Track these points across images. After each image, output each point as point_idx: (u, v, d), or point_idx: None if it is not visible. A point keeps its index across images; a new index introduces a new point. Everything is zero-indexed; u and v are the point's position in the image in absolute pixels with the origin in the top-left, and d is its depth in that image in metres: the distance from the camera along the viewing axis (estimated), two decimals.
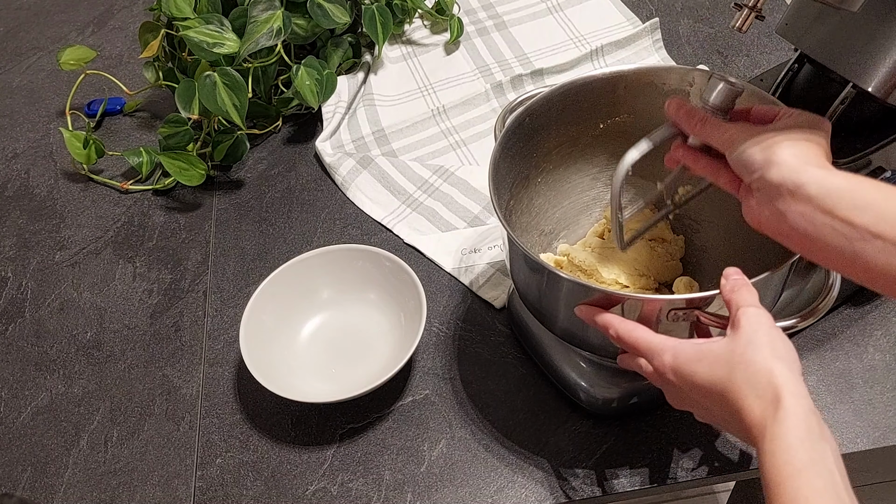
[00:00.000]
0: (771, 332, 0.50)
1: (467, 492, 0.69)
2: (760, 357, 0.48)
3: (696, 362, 0.51)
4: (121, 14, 1.27)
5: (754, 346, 0.49)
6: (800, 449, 0.44)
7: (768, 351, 0.48)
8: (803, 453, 0.44)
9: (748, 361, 0.48)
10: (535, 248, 0.78)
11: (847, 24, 0.61)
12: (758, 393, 0.47)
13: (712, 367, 0.50)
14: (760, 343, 0.49)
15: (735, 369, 0.48)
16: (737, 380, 0.48)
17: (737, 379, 0.48)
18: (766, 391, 0.47)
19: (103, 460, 0.74)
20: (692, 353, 0.51)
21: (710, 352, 0.50)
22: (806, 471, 0.43)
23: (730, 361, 0.49)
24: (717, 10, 1.14)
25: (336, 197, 0.94)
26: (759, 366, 0.48)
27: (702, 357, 0.51)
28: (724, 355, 0.49)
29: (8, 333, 0.85)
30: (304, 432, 0.74)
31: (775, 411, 0.46)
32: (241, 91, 0.90)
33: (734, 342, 0.50)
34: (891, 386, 0.72)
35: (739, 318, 0.51)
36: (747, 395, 0.47)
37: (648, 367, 0.55)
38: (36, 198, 0.99)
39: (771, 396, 0.46)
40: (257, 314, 0.76)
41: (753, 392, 0.47)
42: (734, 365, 0.49)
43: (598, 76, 0.72)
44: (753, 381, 0.47)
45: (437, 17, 1.14)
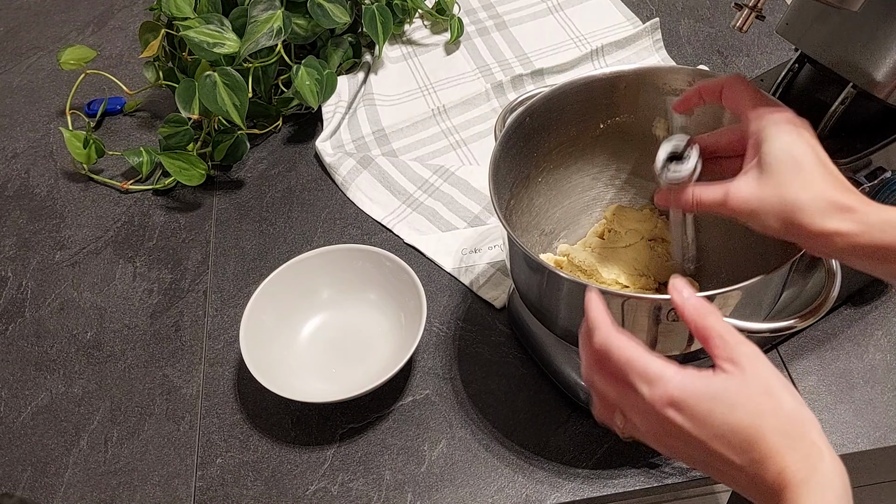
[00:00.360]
0: (778, 374, 0.46)
1: (468, 492, 0.69)
2: (787, 402, 0.44)
3: (711, 400, 0.44)
4: (121, 14, 1.27)
5: (776, 391, 0.44)
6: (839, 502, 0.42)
7: (789, 395, 0.45)
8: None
9: (778, 409, 0.44)
10: (535, 248, 0.78)
11: (847, 24, 0.61)
12: (793, 445, 0.43)
13: (733, 410, 0.44)
14: (779, 386, 0.45)
15: (764, 417, 0.43)
16: (769, 430, 0.43)
17: (769, 428, 0.43)
18: (803, 443, 0.43)
19: (103, 460, 0.74)
20: (703, 389, 0.45)
21: (724, 389, 0.44)
22: None
23: (754, 406, 0.44)
24: (718, 10, 1.14)
25: (336, 197, 0.94)
26: (790, 415, 0.44)
27: (716, 395, 0.44)
28: (744, 398, 0.44)
29: (8, 333, 0.85)
30: (304, 432, 0.74)
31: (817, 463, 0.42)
32: (241, 91, 0.90)
33: (749, 383, 0.44)
34: (891, 386, 0.72)
35: (740, 358, 0.45)
36: (781, 448, 0.43)
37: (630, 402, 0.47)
38: (36, 197, 0.99)
39: (808, 449, 0.43)
40: (257, 314, 0.76)
41: (789, 443, 0.43)
42: (763, 413, 0.44)
43: (599, 76, 0.72)
44: (788, 431, 0.43)
45: (438, 16, 1.14)
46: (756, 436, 0.43)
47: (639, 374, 0.46)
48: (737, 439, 0.44)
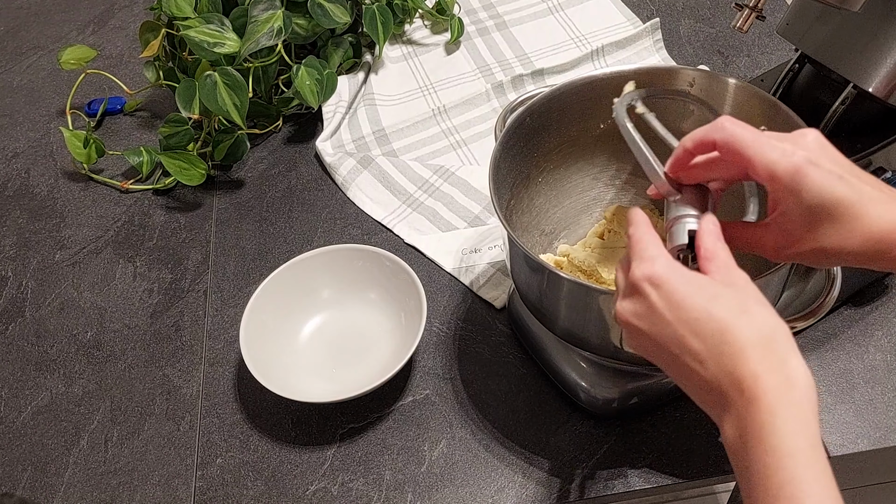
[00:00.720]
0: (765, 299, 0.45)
1: (468, 492, 0.69)
2: (770, 314, 0.43)
3: (693, 286, 0.44)
4: (121, 13, 1.27)
5: (762, 302, 0.44)
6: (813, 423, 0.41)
7: (770, 311, 0.44)
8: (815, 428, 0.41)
9: (758, 312, 0.43)
10: (535, 248, 0.78)
11: (848, 24, 0.61)
12: (769, 349, 0.42)
13: (714, 300, 0.43)
14: (765, 301, 0.44)
15: (744, 315, 0.43)
16: (745, 326, 0.42)
17: (745, 325, 0.42)
18: (778, 350, 0.42)
19: (103, 460, 0.74)
20: (689, 277, 0.45)
21: (712, 283, 0.44)
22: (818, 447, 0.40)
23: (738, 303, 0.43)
24: (718, 10, 1.14)
25: (336, 197, 0.94)
26: (772, 324, 0.43)
27: (701, 285, 0.44)
28: (730, 295, 0.44)
29: (8, 333, 0.85)
30: (304, 432, 0.74)
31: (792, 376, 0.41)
32: (241, 91, 0.90)
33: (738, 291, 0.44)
34: (892, 386, 0.72)
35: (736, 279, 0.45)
36: (756, 345, 0.42)
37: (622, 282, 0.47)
38: (36, 197, 0.99)
39: (783, 358, 0.42)
40: (257, 314, 0.76)
41: (764, 345, 0.42)
42: (744, 311, 0.43)
43: (599, 76, 0.72)
44: (765, 335, 0.42)
45: (438, 16, 1.14)
46: (731, 328, 0.42)
47: (637, 253, 0.47)
48: (710, 327, 0.43)
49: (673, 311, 0.44)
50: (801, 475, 0.39)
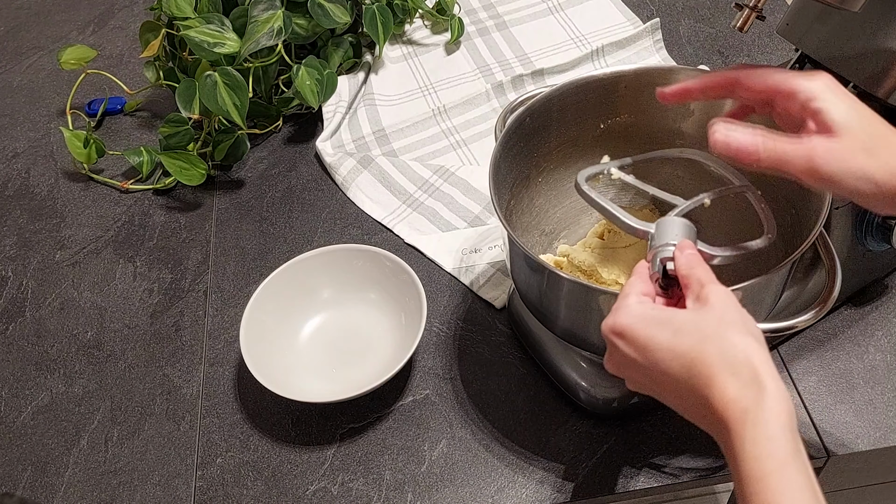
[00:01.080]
0: (742, 311, 0.46)
1: (468, 492, 0.69)
2: (737, 333, 0.44)
3: (657, 325, 0.45)
4: (121, 13, 1.27)
5: (728, 322, 0.44)
6: (782, 439, 0.41)
7: (743, 328, 0.44)
8: (786, 444, 0.41)
9: (723, 336, 0.43)
10: (535, 248, 0.78)
11: (848, 24, 0.61)
12: (734, 370, 0.42)
13: (677, 335, 0.44)
14: (734, 319, 0.44)
15: (707, 341, 0.43)
16: (709, 353, 0.43)
17: (710, 351, 0.43)
18: (744, 370, 0.42)
19: (103, 460, 0.74)
20: (651, 316, 0.46)
21: (675, 318, 0.45)
22: (789, 465, 0.40)
23: (701, 332, 0.44)
24: (718, 10, 1.14)
25: (336, 197, 0.94)
26: (735, 341, 0.43)
27: (662, 322, 0.45)
28: (693, 325, 0.44)
29: (8, 333, 0.85)
30: (304, 432, 0.74)
31: (757, 394, 0.41)
32: (241, 91, 0.90)
33: (703, 314, 0.45)
34: (892, 386, 0.72)
35: (708, 295, 0.46)
36: (721, 371, 0.42)
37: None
38: (36, 197, 0.99)
39: (749, 377, 0.42)
40: (258, 314, 0.76)
41: (729, 369, 0.42)
42: (706, 336, 0.44)
43: (599, 76, 0.72)
44: (730, 356, 0.43)
45: (438, 16, 1.14)
46: (697, 358, 0.43)
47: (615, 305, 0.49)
48: (678, 362, 0.44)
49: (641, 355, 0.46)
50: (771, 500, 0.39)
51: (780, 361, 0.75)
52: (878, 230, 0.68)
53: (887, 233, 0.68)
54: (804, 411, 0.71)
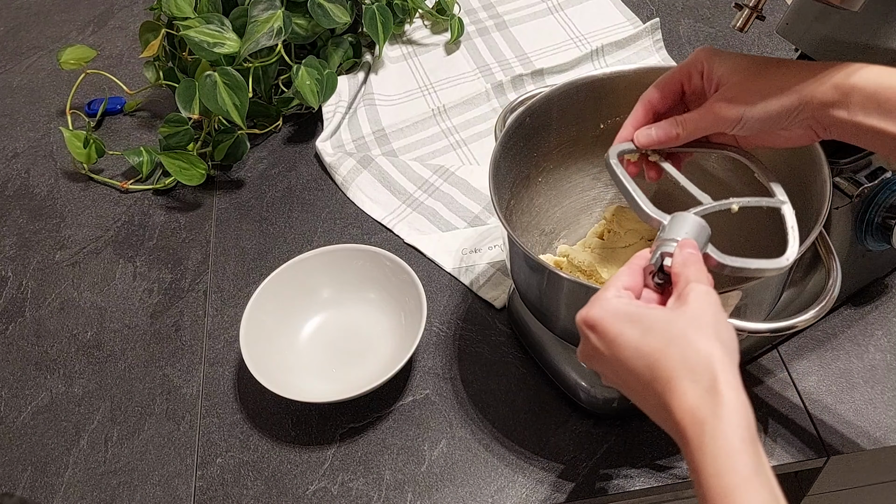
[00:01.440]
0: (718, 315, 0.45)
1: (468, 491, 0.69)
2: (703, 338, 0.43)
3: (627, 322, 0.45)
4: (121, 13, 1.27)
5: (698, 325, 0.43)
6: (744, 453, 0.40)
7: (712, 332, 0.43)
8: (748, 458, 0.40)
9: (689, 339, 0.42)
10: (535, 247, 0.78)
11: (848, 24, 0.61)
12: (694, 377, 0.41)
13: (645, 333, 0.44)
14: (706, 322, 0.43)
15: (672, 343, 0.43)
16: (672, 355, 0.42)
17: (672, 354, 0.42)
18: (704, 376, 0.41)
19: (103, 460, 0.74)
20: (623, 311, 0.45)
21: (647, 316, 0.45)
22: (752, 479, 0.39)
23: (668, 333, 0.43)
24: (718, 10, 1.14)
25: (336, 197, 0.94)
26: (699, 346, 0.42)
27: (634, 318, 0.45)
28: (663, 324, 0.44)
29: (8, 333, 0.85)
30: (304, 432, 0.74)
31: (714, 404, 0.40)
32: (241, 91, 0.90)
33: (677, 314, 0.44)
34: (892, 386, 0.72)
35: (688, 294, 0.45)
36: (681, 376, 0.42)
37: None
38: (36, 197, 0.99)
39: (708, 384, 0.41)
40: (257, 314, 0.76)
41: (689, 374, 0.41)
42: (672, 338, 0.43)
43: (599, 76, 0.72)
44: (691, 361, 0.42)
45: (438, 16, 1.14)
46: (660, 360, 0.43)
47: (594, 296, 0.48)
48: (642, 362, 0.43)
49: (609, 350, 0.46)
50: None
51: (780, 361, 0.75)
52: (878, 230, 0.68)
53: (887, 233, 0.68)
54: (804, 411, 0.71)
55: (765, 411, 0.71)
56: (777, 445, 0.69)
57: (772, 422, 0.71)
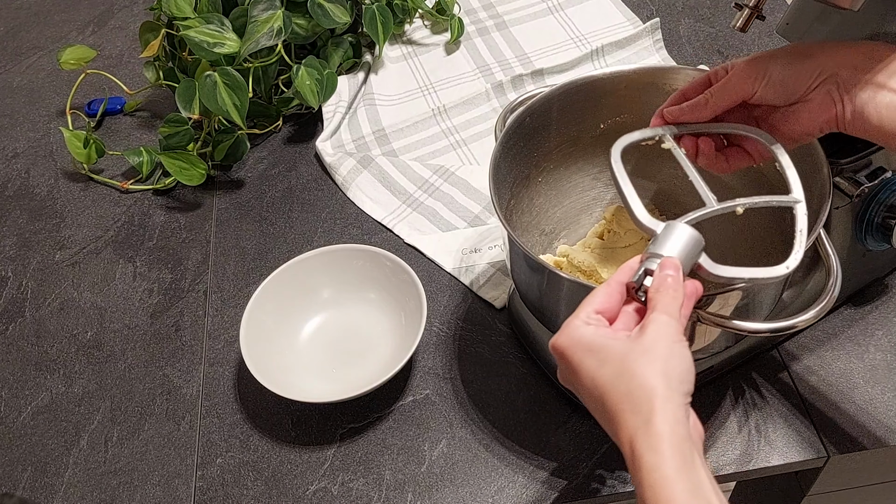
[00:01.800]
0: (672, 347, 0.46)
1: (468, 491, 0.69)
2: (650, 371, 0.45)
3: (588, 352, 0.47)
4: (121, 14, 1.27)
5: (648, 359, 0.45)
6: (678, 482, 0.42)
7: (660, 366, 0.45)
8: (681, 484, 0.42)
9: (634, 373, 0.45)
10: (535, 247, 0.78)
11: (848, 24, 0.61)
12: (634, 410, 0.44)
13: (601, 365, 0.47)
14: (656, 356, 0.46)
15: (621, 376, 0.45)
16: (619, 388, 0.45)
17: (619, 387, 0.45)
18: (643, 409, 0.44)
19: (103, 460, 0.74)
20: (587, 342, 0.48)
21: (606, 348, 0.47)
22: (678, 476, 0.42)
23: (621, 365, 0.46)
24: (718, 9, 1.14)
25: (336, 197, 0.94)
26: (643, 381, 0.45)
27: (596, 350, 0.47)
28: (618, 357, 0.46)
29: (8, 333, 0.85)
30: (304, 432, 0.74)
31: (650, 436, 0.43)
32: (241, 91, 0.90)
33: (632, 346, 0.47)
34: (892, 386, 0.72)
35: (647, 324, 0.47)
36: (624, 409, 0.45)
37: None
38: (36, 197, 0.99)
39: (646, 416, 0.44)
40: (258, 314, 0.76)
41: (631, 408, 0.44)
42: (622, 371, 0.46)
43: (599, 76, 0.72)
44: (633, 395, 0.45)
45: (438, 16, 1.14)
46: (607, 393, 0.46)
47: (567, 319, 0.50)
48: (596, 392, 0.46)
49: (573, 376, 0.49)
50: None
51: (780, 361, 0.75)
52: (878, 230, 0.68)
53: (887, 232, 0.68)
54: (804, 411, 0.71)
55: (765, 411, 0.71)
56: (777, 445, 0.69)
57: (772, 422, 0.71)
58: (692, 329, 0.59)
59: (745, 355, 0.74)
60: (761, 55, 0.56)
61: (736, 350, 0.72)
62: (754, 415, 0.71)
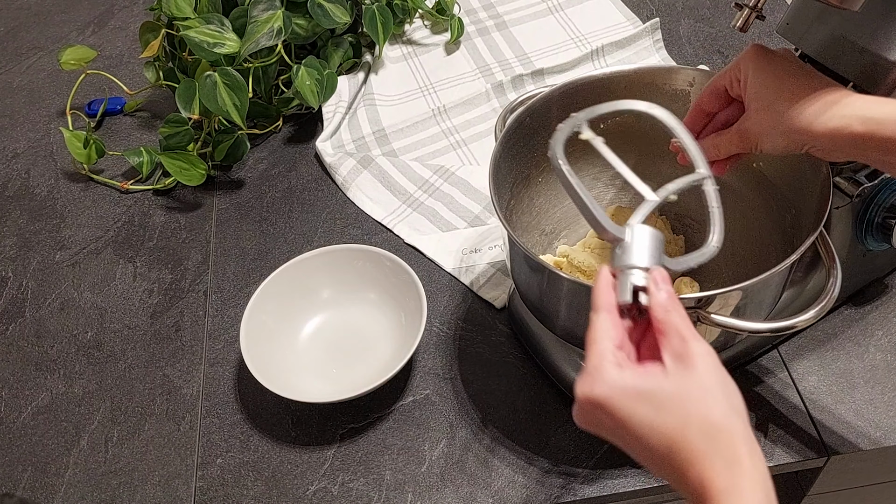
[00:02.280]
0: (723, 377, 0.44)
1: (468, 492, 0.69)
2: (718, 409, 0.42)
3: (638, 399, 0.43)
4: (121, 14, 1.27)
5: (712, 397, 0.42)
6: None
7: (724, 401, 0.43)
8: None
9: (704, 415, 0.42)
10: (535, 247, 0.78)
11: (848, 23, 0.61)
12: (717, 453, 0.41)
13: (658, 412, 0.42)
14: (717, 392, 0.43)
15: (690, 422, 0.42)
16: (693, 437, 0.42)
17: (692, 436, 0.42)
18: (725, 451, 0.41)
19: (104, 460, 0.74)
20: (632, 387, 0.43)
21: (658, 391, 0.43)
22: None
23: (684, 410, 0.42)
24: (718, 9, 1.14)
25: (336, 197, 0.94)
26: (716, 420, 0.42)
27: (644, 395, 0.43)
28: (676, 400, 0.43)
29: (8, 333, 0.85)
30: (304, 432, 0.74)
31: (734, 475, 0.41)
32: (241, 91, 0.90)
33: (686, 385, 0.43)
34: (892, 386, 0.72)
35: (691, 357, 0.44)
36: (704, 456, 0.41)
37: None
38: (36, 198, 0.99)
39: (730, 457, 0.41)
40: (258, 314, 0.76)
41: (712, 451, 0.41)
42: (689, 417, 0.42)
43: (599, 76, 0.72)
44: (713, 442, 0.41)
45: (438, 16, 1.14)
46: (680, 441, 0.42)
47: (585, 364, 0.45)
48: (658, 440, 0.42)
49: (620, 427, 0.44)
50: None
51: (780, 361, 0.75)
52: (878, 230, 0.68)
53: (887, 232, 0.68)
54: (804, 411, 0.71)
55: (765, 411, 0.71)
56: (777, 445, 0.69)
57: (772, 422, 0.71)
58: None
59: (745, 355, 0.74)
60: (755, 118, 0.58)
61: (736, 350, 0.72)
62: (754, 415, 0.71)
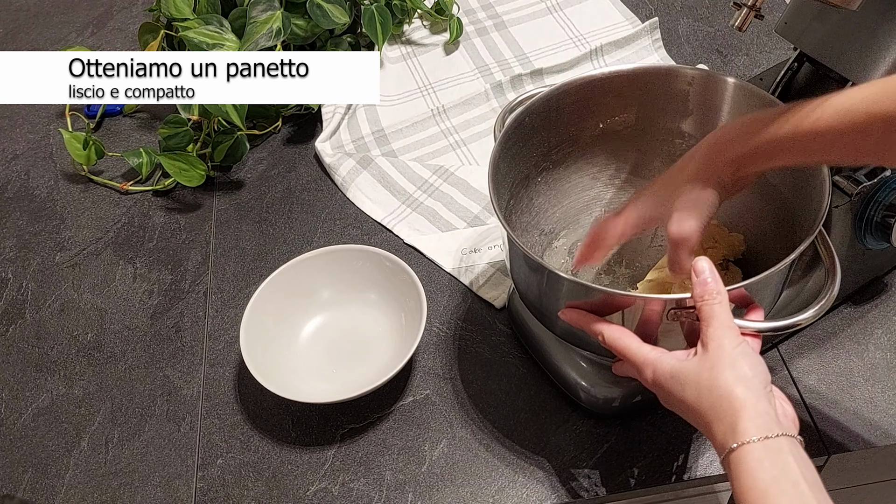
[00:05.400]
0: (733, 352, 0.52)
1: (468, 492, 0.69)
2: (723, 381, 0.51)
3: (671, 380, 0.54)
4: (120, 15, 1.27)
5: (718, 370, 0.52)
6: (759, 469, 0.47)
7: (730, 374, 0.51)
8: (764, 473, 0.47)
9: (712, 386, 0.52)
10: (535, 247, 0.78)
11: (846, 22, 0.61)
12: (720, 417, 0.50)
13: (685, 388, 0.53)
14: (723, 365, 0.52)
15: (702, 394, 0.52)
16: (704, 404, 0.52)
17: (704, 403, 0.52)
18: (727, 415, 0.50)
19: (104, 461, 0.74)
20: (668, 371, 0.55)
21: (683, 372, 0.54)
22: (770, 489, 0.46)
23: (698, 385, 0.52)
24: (717, 9, 1.14)
25: (336, 197, 0.94)
26: (721, 390, 0.51)
27: (676, 376, 0.54)
28: (693, 377, 0.53)
29: (8, 335, 0.85)
30: (304, 433, 0.74)
31: (733, 435, 0.49)
32: None
33: (702, 364, 0.53)
34: (891, 384, 0.72)
35: (707, 340, 0.53)
36: (712, 419, 0.51)
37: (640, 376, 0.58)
38: (36, 199, 0.99)
39: (730, 421, 0.50)
40: (258, 314, 0.76)
41: (717, 417, 0.51)
42: (702, 389, 0.52)
43: (598, 76, 0.72)
44: (717, 405, 0.51)
45: (437, 17, 1.14)
46: (698, 410, 0.52)
47: (632, 363, 0.57)
48: (691, 411, 0.53)
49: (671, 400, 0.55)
50: None
51: (780, 360, 0.75)
52: (878, 228, 0.68)
53: (886, 231, 0.68)
54: (804, 410, 0.71)
55: None
56: None
57: None
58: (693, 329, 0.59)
59: None
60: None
61: None
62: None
